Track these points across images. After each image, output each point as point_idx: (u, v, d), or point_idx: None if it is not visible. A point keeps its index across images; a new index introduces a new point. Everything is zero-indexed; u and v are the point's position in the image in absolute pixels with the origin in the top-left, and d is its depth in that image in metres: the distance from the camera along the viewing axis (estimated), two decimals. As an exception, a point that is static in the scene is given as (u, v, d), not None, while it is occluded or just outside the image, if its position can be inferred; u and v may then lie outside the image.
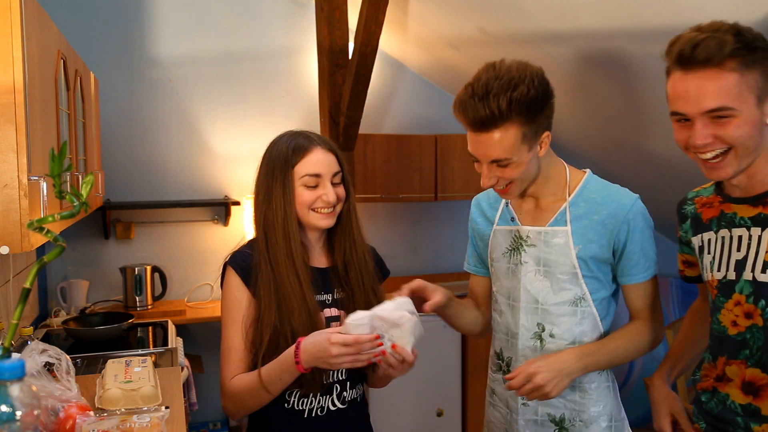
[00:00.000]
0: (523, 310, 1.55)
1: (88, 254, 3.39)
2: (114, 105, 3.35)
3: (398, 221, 3.96)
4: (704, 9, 1.85)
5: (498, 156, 1.40)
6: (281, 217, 1.47)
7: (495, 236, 1.63)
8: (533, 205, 1.57)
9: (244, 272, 1.48)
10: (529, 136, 1.40)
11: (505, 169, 1.42)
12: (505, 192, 1.49)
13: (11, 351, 1.12)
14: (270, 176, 1.49)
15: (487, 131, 1.38)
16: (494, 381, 1.68)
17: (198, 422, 3.52)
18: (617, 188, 1.53)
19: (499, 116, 1.35)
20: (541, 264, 1.52)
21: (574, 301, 1.51)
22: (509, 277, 1.59)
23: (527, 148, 1.41)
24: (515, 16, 2.48)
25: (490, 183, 1.46)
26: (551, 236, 1.51)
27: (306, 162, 1.48)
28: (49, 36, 1.73)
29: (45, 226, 1.10)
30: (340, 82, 3.04)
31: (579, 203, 1.51)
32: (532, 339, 1.55)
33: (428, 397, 3.47)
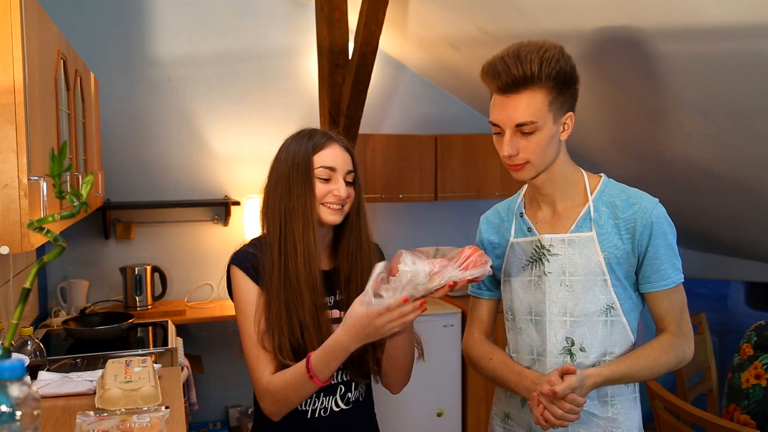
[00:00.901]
0: (550, 324, 1.47)
1: (88, 254, 3.39)
2: (114, 105, 3.35)
3: (398, 221, 3.96)
4: (704, 9, 1.85)
5: (524, 118, 1.36)
6: (302, 206, 1.46)
7: (512, 250, 1.56)
8: (550, 213, 1.51)
9: (250, 270, 1.47)
10: (555, 105, 1.38)
11: (529, 139, 1.38)
12: (520, 168, 1.42)
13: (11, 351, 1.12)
14: (292, 167, 1.49)
15: (516, 92, 1.36)
16: (509, 405, 1.59)
17: (198, 422, 3.52)
18: (636, 191, 1.48)
19: (530, 77, 1.34)
20: (567, 273, 1.46)
21: (604, 310, 1.45)
22: (531, 290, 1.51)
23: (552, 119, 1.38)
24: (515, 16, 2.48)
25: (510, 151, 1.40)
26: (576, 243, 1.45)
27: (323, 154, 1.50)
28: (49, 36, 1.73)
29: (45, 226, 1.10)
30: (340, 82, 3.04)
31: (599, 208, 1.46)
32: (561, 355, 1.47)
33: (428, 397, 3.47)
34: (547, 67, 1.35)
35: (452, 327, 3.49)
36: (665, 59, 2.21)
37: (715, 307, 3.79)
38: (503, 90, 1.38)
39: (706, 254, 3.97)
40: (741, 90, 2.17)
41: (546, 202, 1.52)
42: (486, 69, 1.42)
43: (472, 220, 4.12)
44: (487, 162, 3.77)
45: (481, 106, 3.92)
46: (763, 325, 2.25)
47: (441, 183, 3.70)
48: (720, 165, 2.71)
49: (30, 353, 1.80)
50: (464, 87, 3.77)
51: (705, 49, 2.03)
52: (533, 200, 1.56)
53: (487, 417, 3.52)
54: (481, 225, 1.66)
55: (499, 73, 1.38)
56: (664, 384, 2.17)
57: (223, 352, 3.57)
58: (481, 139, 3.78)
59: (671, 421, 2.06)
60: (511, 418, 1.58)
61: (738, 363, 2.25)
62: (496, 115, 1.41)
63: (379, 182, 3.59)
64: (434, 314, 3.47)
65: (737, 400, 2.19)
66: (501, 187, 3.79)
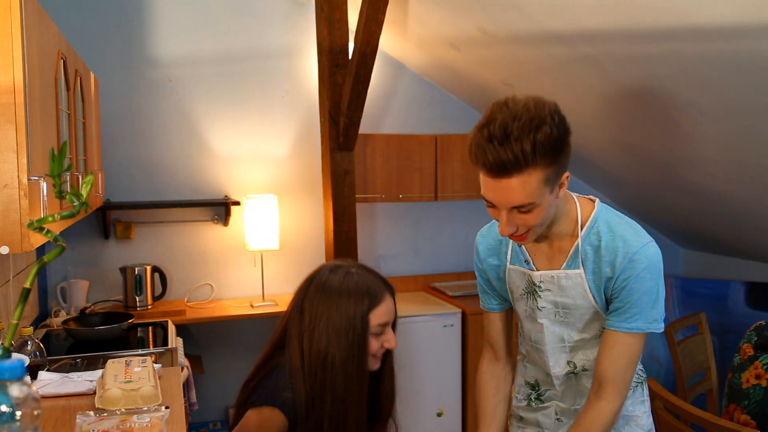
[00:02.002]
0: (551, 352, 1.51)
1: (88, 254, 3.39)
2: (114, 105, 3.35)
3: (398, 221, 3.96)
4: (704, 9, 1.85)
5: (521, 202, 1.27)
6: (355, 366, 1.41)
7: (510, 275, 1.54)
8: (547, 247, 1.47)
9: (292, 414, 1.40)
10: (551, 178, 1.27)
11: (527, 216, 1.30)
12: (522, 238, 1.37)
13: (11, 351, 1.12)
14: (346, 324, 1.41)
15: (508, 176, 1.24)
16: (519, 408, 1.67)
17: (198, 422, 3.52)
18: (624, 230, 1.38)
19: (523, 160, 1.21)
20: (560, 307, 1.46)
21: (599, 334, 1.46)
22: (529, 321, 1.54)
23: (549, 191, 1.29)
24: (515, 16, 2.48)
25: (510, 231, 1.33)
26: (565, 279, 1.43)
27: (380, 310, 1.45)
28: (49, 36, 1.73)
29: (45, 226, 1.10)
30: (340, 82, 3.04)
31: (585, 246, 1.41)
32: (566, 376, 1.53)
33: (428, 397, 3.47)
34: (542, 147, 1.21)
35: (452, 327, 3.49)
36: (665, 59, 2.21)
37: (715, 307, 3.79)
38: (493, 174, 1.26)
39: (706, 254, 3.97)
40: (741, 90, 2.17)
41: (543, 239, 1.47)
42: (471, 150, 1.27)
43: (472, 220, 4.14)
44: (487, 162, 3.76)
45: (481, 106, 3.92)
46: (763, 325, 2.25)
47: (441, 183, 3.70)
48: (720, 165, 2.71)
49: (30, 353, 1.80)
50: (464, 87, 3.77)
51: (705, 49, 2.03)
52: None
53: (487, 417, 3.53)
54: (479, 245, 1.61)
55: (486, 157, 1.24)
56: (664, 384, 2.17)
57: (223, 352, 3.57)
58: (481, 139, 3.77)
59: (671, 421, 2.06)
60: (523, 419, 1.65)
61: (738, 363, 2.24)
62: (489, 195, 1.31)
63: (379, 182, 3.59)
64: (434, 314, 3.48)
65: (737, 400, 2.19)
66: (501, 187, 3.79)
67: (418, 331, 3.42)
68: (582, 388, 1.54)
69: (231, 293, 3.59)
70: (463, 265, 4.10)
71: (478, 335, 3.49)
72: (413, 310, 3.49)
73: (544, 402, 1.60)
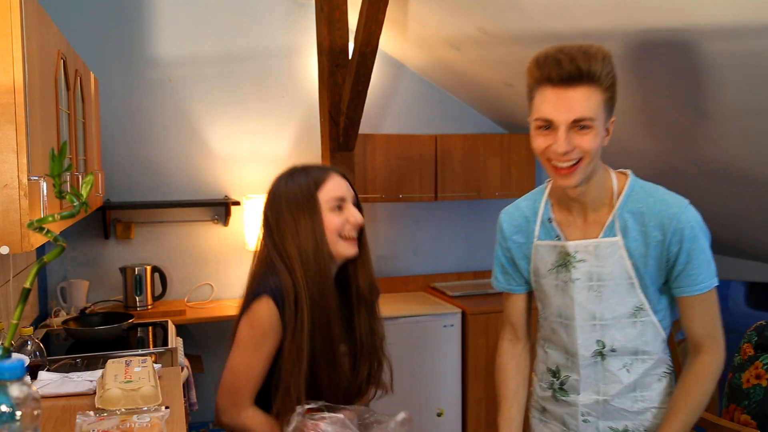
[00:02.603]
0: (580, 328, 1.47)
1: (88, 254, 3.39)
2: (114, 105, 3.35)
3: (398, 221, 3.96)
4: (704, 9, 1.85)
5: (583, 114, 1.30)
6: (312, 246, 1.47)
7: (537, 251, 1.53)
8: (582, 219, 1.47)
9: (283, 308, 1.47)
10: (608, 107, 1.34)
11: (584, 137, 1.32)
12: (570, 173, 1.35)
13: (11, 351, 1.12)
14: (294, 207, 1.48)
15: (575, 86, 1.29)
16: (544, 399, 1.61)
17: (198, 422, 3.52)
18: (663, 194, 1.43)
19: (593, 72, 1.29)
20: (594, 279, 1.44)
21: (633, 312, 1.44)
22: (559, 294, 1.50)
23: (604, 119, 1.34)
24: (515, 16, 2.48)
25: (567, 147, 1.31)
26: (602, 248, 1.42)
27: (329, 186, 1.50)
28: (49, 36, 1.73)
29: (45, 226, 1.10)
30: (340, 82, 3.04)
31: (624, 215, 1.42)
32: (592, 357, 1.48)
33: (428, 397, 3.47)
34: (609, 68, 1.31)
35: (452, 327, 3.49)
36: (665, 59, 2.21)
37: (715, 307, 3.78)
38: (562, 81, 1.30)
39: (706, 254, 3.96)
40: (741, 90, 2.17)
41: (578, 209, 1.47)
42: (542, 58, 1.33)
43: (472, 220, 4.14)
44: (487, 162, 3.77)
45: (481, 106, 3.92)
46: (763, 325, 2.25)
47: (441, 183, 3.70)
48: (720, 165, 2.71)
49: (30, 353, 1.80)
50: (464, 87, 3.77)
51: (705, 49, 2.03)
52: (562, 205, 1.51)
53: (487, 417, 3.53)
54: (503, 223, 1.60)
55: (561, 64, 1.29)
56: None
57: (223, 352, 3.56)
58: (481, 139, 3.78)
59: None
60: (547, 411, 1.61)
61: (738, 363, 2.25)
62: (548, 110, 1.32)
63: (379, 182, 3.59)
64: (434, 314, 3.48)
65: (737, 400, 2.19)
66: (501, 187, 3.80)
67: (418, 331, 3.42)
68: (608, 375, 1.49)
69: (231, 293, 3.58)
70: (463, 265, 4.10)
71: (479, 335, 3.49)
72: (413, 310, 3.49)
73: (567, 393, 1.54)
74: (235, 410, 1.52)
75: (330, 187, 1.50)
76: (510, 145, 3.80)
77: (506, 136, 3.82)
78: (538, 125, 1.36)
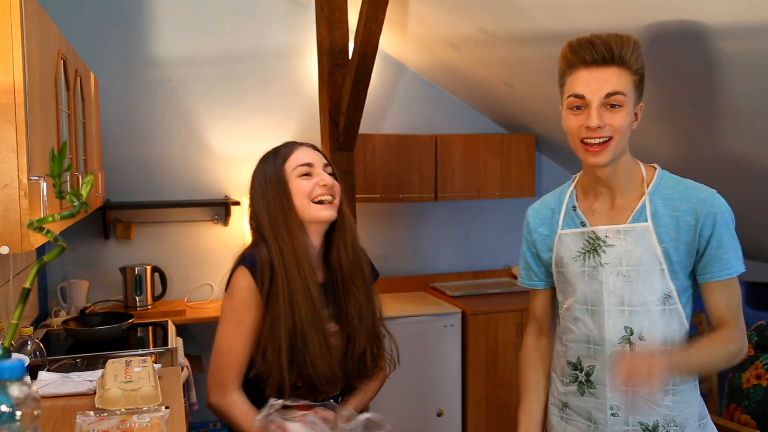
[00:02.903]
0: (608, 314, 1.47)
1: (88, 254, 3.39)
2: (114, 105, 3.35)
3: (398, 221, 3.96)
4: (704, 9, 1.85)
5: (615, 88, 1.37)
6: (282, 217, 1.50)
7: (561, 240, 1.55)
8: (609, 205, 1.51)
9: (258, 273, 1.49)
10: (638, 90, 1.42)
11: (615, 114, 1.39)
12: (601, 149, 1.40)
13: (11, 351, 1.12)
14: (263, 182, 1.54)
15: (607, 66, 1.38)
16: (567, 394, 1.57)
17: (198, 422, 3.52)
18: (693, 183, 1.47)
19: (624, 55, 1.37)
20: (624, 264, 1.46)
21: (661, 299, 1.45)
22: (586, 281, 1.51)
23: (634, 101, 1.41)
24: (515, 16, 2.48)
25: (598, 122, 1.38)
26: (632, 233, 1.45)
27: (294, 156, 1.54)
28: (49, 36, 1.73)
29: (45, 226, 1.10)
30: (340, 82, 3.04)
31: (655, 199, 1.46)
32: (620, 344, 1.47)
33: (428, 397, 3.46)
34: (638, 54, 1.40)
35: (452, 327, 3.49)
36: (665, 59, 2.21)
37: (715, 307, 3.78)
38: (595, 62, 1.39)
39: (706, 254, 3.96)
40: (741, 90, 2.17)
41: (606, 194, 1.51)
42: (576, 44, 1.41)
43: (472, 220, 4.14)
44: (487, 162, 3.77)
45: (481, 106, 3.92)
46: (763, 325, 2.25)
47: (441, 183, 3.70)
48: (720, 165, 2.71)
49: (30, 353, 1.80)
50: (464, 87, 3.77)
51: (705, 48, 2.03)
52: (589, 192, 1.54)
53: (487, 417, 3.53)
54: (529, 218, 1.65)
55: (594, 46, 1.38)
56: (664, 384, 2.17)
57: (223, 352, 3.57)
58: (481, 139, 3.78)
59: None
60: (569, 407, 1.57)
61: (738, 363, 2.25)
62: (581, 87, 1.40)
63: (379, 182, 3.59)
64: (434, 314, 3.48)
65: (738, 400, 2.19)
66: (501, 187, 3.79)
67: (418, 331, 3.42)
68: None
69: (231, 293, 3.58)
70: (463, 265, 4.10)
71: (478, 335, 3.49)
72: (413, 310, 3.49)
73: (594, 385, 1.50)
74: (221, 392, 1.53)
75: (296, 156, 1.54)
76: (510, 145, 3.80)
77: (506, 136, 3.82)
78: (570, 104, 1.42)
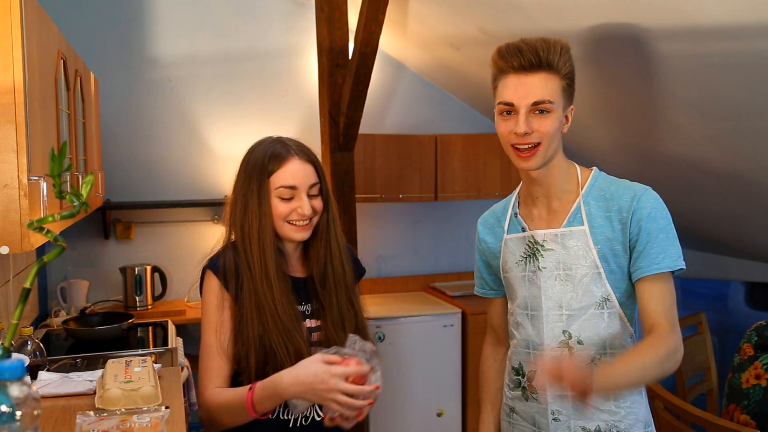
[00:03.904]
0: (546, 318, 1.48)
1: (88, 254, 3.39)
2: (114, 105, 3.35)
3: (398, 221, 3.96)
4: (704, 9, 1.85)
5: (542, 96, 1.38)
6: (256, 228, 1.47)
7: (506, 245, 1.57)
8: (545, 210, 1.52)
9: (223, 276, 1.48)
10: (566, 94, 1.42)
11: (543, 121, 1.40)
12: (531, 155, 1.42)
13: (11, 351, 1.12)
14: (247, 185, 1.49)
15: (534, 72, 1.39)
16: (513, 399, 1.60)
17: (198, 422, 3.51)
18: (626, 182, 1.48)
19: (551, 61, 1.38)
20: (561, 267, 1.46)
21: (599, 303, 1.44)
22: (526, 285, 1.53)
23: (563, 106, 1.42)
24: (515, 16, 2.48)
25: (525, 129, 1.39)
26: (569, 237, 1.46)
27: (282, 173, 1.47)
28: (49, 36, 1.73)
29: (45, 226, 1.10)
30: (340, 82, 3.04)
31: (589, 201, 1.47)
32: (558, 348, 1.47)
33: (428, 397, 3.47)
34: (566, 58, 1.41)
35: (452, 327, 3.49)
36: (665, 59, 2.21)
37: (715, 307, 3.79)
38: (523, 68, 1.39)
39: (706, 254, 3.97)
40: (741, 90, 2.17)
41: (541, 199, 1.52)
42: (505, 49, 1.42)
43: (472, 220, 4.11)
44: (487, 162, 3.77)
45: (481, 106, 3.92)
46: (763, 325, 2.25)
47: (441, 183, 3.70)
48: (720, 165, 2.71)
49: (30, 353, 1.80)
50: (464, 87, 3.77)
51: (705, 48, 2.03)
52: (527, 198, 1.57)
53: (487, 417, 3.53)
54: (479, 227, 1.68)
55: (522, 52, 1.39)
56: (664, 384, 2.17)
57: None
58: (481, 139, 3.78)
59: (671, 421, 2.06)
60: (516, 412, 1.59)
61: (738, 363, 2.25)
62: (510, 94, 1.41)
63: (379, 182, 3.59)
64: (434, 314, 3.48)
65: (737, 400, 2.19)
66: (501, 187, 3.79)
67: (418, 331, 3.42)
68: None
69: (231, 293, 3.58)
70: (463, 265, 4.10)
71: (479, 335, 3.49)
72: (413, 310, 3.49)
73: (536, 390, 1.51)
74: (201, 398, 1.49)
75: (283, 174, 1.47)
76: (510, 145, 3.79)
77: (506, 136, 3.81)
78: (500, 110, 1.44)
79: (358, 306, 1.57)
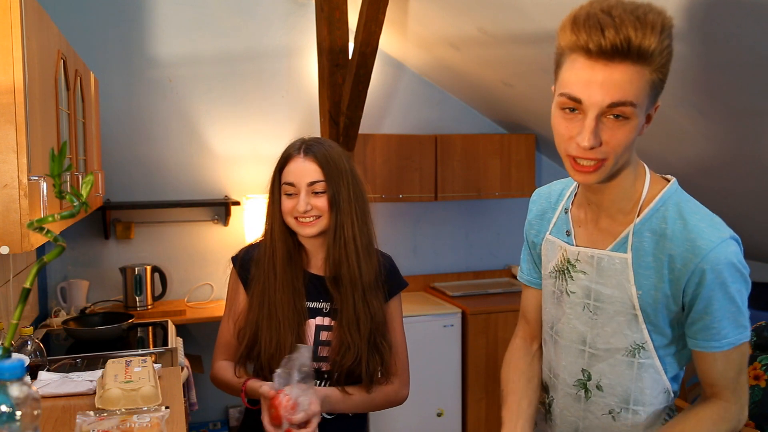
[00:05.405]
0: (566, 349, 1.24)
1: (88, 254, 3.39)
2: (114, 105, 3.35)
3: (398, 221, 3.96)
4: (704, 9, 1.85)
5: (623, 97, 1.00)
6: (269, 222, 1.58)
7: (545, 245, 1.30)
8: (593, 223, 1.21)
9: (241, 268, 1.61)
10: (656, 91, 1.04)
11: (618, 129, 1.02)
12: (594, 168, 1.06)
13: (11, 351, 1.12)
14: (270, 182, 1.60)
15: (620, 62, 0.99)
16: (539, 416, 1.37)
17: (198, 422, 3.52)
18: (699, 220, 1.11)
19: (644, 49, 0.99)
20: (592, 297, 1.19)
21: (630, 350, 1.17)
22: (554, 303, 1.27)
23: (646, 106, 1.04)
24: (515, 16, 2.48)
25: (594, 143, 1.02)
26: (607, 263, 1.16)
27: (286, 170, 1.56)
28: (49, 36, 1.73)
29: (45, 226, 1.10)
30: (340, 82, 3.04)
31: (643, 233, 1.14)
32: (574, 387, 1.24)
33: (428, 397, 3.47)
34: (666, 44, 1.02)
35: (452, 327, 3.49)
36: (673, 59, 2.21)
37: (715, 307, 3.76)
38: (603, 54, 0.99)
39: (706, 254, 3.97)
40: (741, 90, 2.17)
41: (592, 207, 1.22)
42: (583, 18, 1.02)
43: (472, 220, 4.14)
44: (487, 162, 3.77)
45: (481, 106, 3.92)
46: (763, 325, 2.25)
47: (441, 183, 3.70)
48: (720, 165, 2.71)
49: (30, 353, 1.80)
50: (464, 87, 3.77)
51: (705, 48, 2.03)
52: (582, 197, 1.26)
53: (487, 417, 3.53)
54: (532, 206, 1.39)
55: (604, 31, 0.98)
56: (663, 384, 2.16)
57: (223, 352, 3.57)
58: (481, 139, 3.78)
59: (671, 421, 2.06)
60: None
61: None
62: (579, 87, 1.02)
63: (379, 182, 3.59)
64: (434, 314, 3.48)
65: (737, 401, 2.18)
66: (501, 187, 3.80)
67: (418, 331, 3.42)
68: (589, 417, 1.24)
69: (231, 293, 3.58)
70: (463, 265, 4.10)
71: (479, 335, 3.49)
72: (413, 310, 3.49)
73: (553, 418, 1.32)
74: (212, 367, 1.63)
75: (287, 171, 1.56)
76: (510, 145, 3.80)
77: (506, 136, 3.82)
78: (561, 104, 1.06)
79: (374, 310, 1.55)
